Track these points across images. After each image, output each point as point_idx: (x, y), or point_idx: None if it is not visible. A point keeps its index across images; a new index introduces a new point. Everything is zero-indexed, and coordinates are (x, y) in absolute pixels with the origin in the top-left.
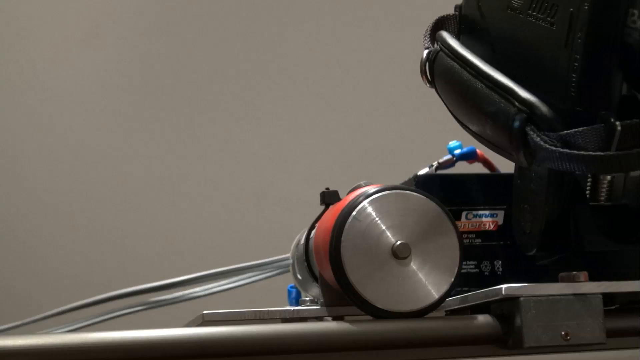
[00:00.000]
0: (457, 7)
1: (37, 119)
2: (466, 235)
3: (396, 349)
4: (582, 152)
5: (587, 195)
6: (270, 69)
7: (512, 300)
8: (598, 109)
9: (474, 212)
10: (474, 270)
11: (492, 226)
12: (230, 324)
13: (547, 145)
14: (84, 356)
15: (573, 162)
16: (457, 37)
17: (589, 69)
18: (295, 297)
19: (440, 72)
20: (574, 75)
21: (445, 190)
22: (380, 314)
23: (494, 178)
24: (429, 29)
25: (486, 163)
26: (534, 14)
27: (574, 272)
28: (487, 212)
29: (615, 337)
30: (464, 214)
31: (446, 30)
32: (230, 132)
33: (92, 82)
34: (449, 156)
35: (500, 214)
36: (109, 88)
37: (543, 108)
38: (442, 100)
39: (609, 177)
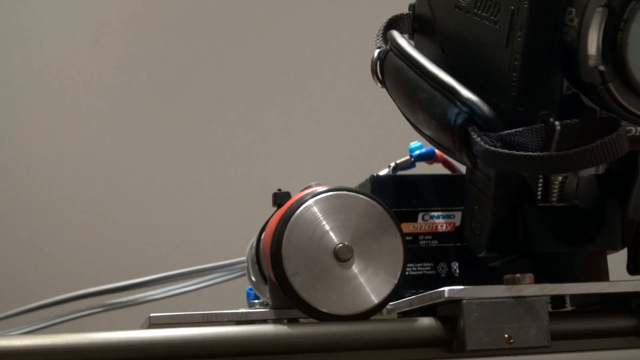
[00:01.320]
0: (411, 6)
1: (39, 117)
2: (422, 237)
3: (338, 351)
4: (521, 153)
5: (539, 196)
6: (278, 68)
7: (455, 303)
8: (539, 109)
9: (431, 214)
10: (430, 272)
11: (448, 227)
12: (177, 326)
13: (487, 146)
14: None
15: (512, 162)
16: (411, 37)
17: (529, 67)
18: (253, 299)
19: (390, 71)
20: (514, 74)
21: (401, 191)
22: (322, 317)
23: (451, 179)
24: (382, 28)
25: (446, 164)
26: (479, 12)
27: (519, 275)
28: (443, 214)
29: (561, 340)
30: (420, 215)
31: (400, 29)
32: (230, 134)
33: (96, 82)
34: (407, 157)
35: (457, 215)
36: (110, 88)
37: (484, 108)
38: (393, 100)
39: (560, 178)
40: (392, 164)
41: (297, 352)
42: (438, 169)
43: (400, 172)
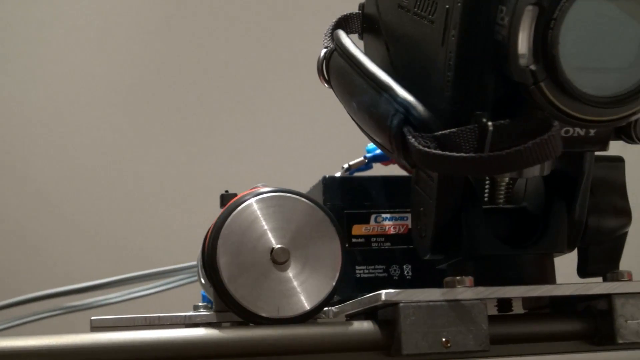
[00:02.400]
0: (360, 6)
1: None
2: (375, 239)
3: (273, 355)
4: (453, 154)
5: (486, 198)
6: (280, 69)
7: (393, 306)
8: (473, 109)
9: (383, 215)
10: (383, 275)
11: (401, 229)
12: (119, 330)
13: (420, 147)
14: None
15: (444, 163)
16: (360, 36)
17: (462, 67)
18: (208, 302)
19: (334, 71)
20: (449, 73)
21: (354, 193)
22: (256, 320)
23: (404, 181)
24: (331, 27)
25: (402, 165)
26: (418, 11)
27: (459, 277)
28: (396, 215)
29: (502, 344)
30: (372, 217)
31: (350, 29)
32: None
33: (99, 82)
34: (360, 158)
35: (410, 217)
36: (111, 88)
37: (419, 108)
38: (339, 100)
39: (506, 179)
40: (346, 165)
41: (229, 357)
42: (395, 170)
43: (357, 174)
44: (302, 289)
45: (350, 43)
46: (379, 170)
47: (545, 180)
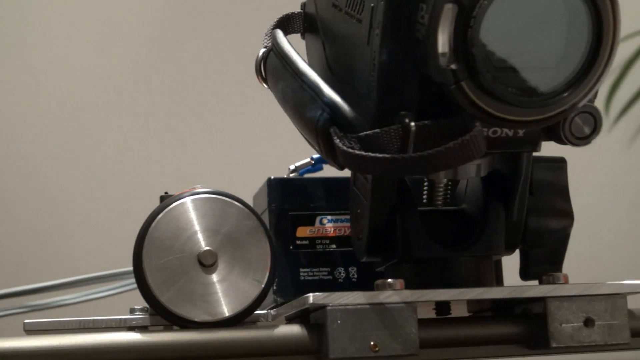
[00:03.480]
0: (302, 5)
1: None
2: (320, 241)
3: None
4: (376, 155)
5: (424, 200)
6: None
7: (322, 310)
8: (398, 109)
9: (329, 217)
10: (327, 277)
11: (347, 231)
12: (52, 333)
13: (344, 147)
14: None
15: (368, 164)
16: (303, 36)
17: (385, 66)
18: None
19: (270, 71)
20: (373, 73)
21: (299, 194)
22: (183, 324)
23: (349, 182)
24: (271, 26)
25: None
26: (349, 10)
27: (390, 280)
28: (342, 217)
29: (432, 348)
30: (318, 218)
31: (292, 28)
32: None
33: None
34: (307, 159)
35: None
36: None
37: (345, 108)
38: (277, 100)
39: (445, 181)
40: (292, 167)
41: None
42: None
43: (308, 175)
44: (230, 292)
45: (285, 42)
46: (332, 171)
47: (483, 181)
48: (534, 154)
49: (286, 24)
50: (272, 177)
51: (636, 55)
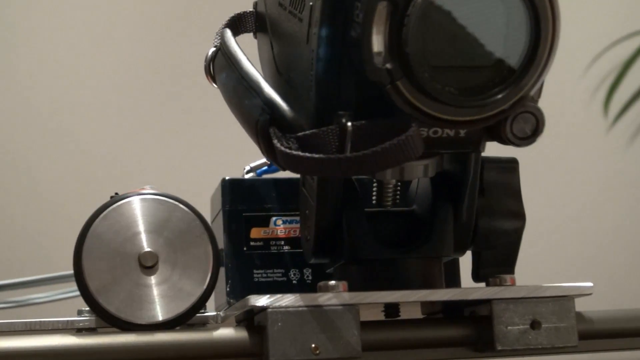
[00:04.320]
0: (254, 4)
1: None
2: (274, 242)
3: None
4: (312, 155)
5: (374, 201)
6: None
7: (264, 312)
8: (336, 109)
9: (284, 218)
10: (282, 279)
11: None
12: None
13: (282, 148)
14: None
15: (304, 165)
16: (255, 35)
17: (323, 65)
18: None
19: (217, 71)
20: (312, 72)
21: (253, 195)
22: (123, 326)
23: None
24: (222, 26)
25: None
26: (291, 9)
27: (333, 282)
28: (296, 218)
29: (377, 351)
30: (272, 219)
31: (244, 27)
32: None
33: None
34: (263, 160)
35: None
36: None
37: (284, 108)
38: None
39: (393, 182)
40: (247, 167)
41: None
42: None
43: (267, 175)
44: (170, 294)
45: (232, 41)
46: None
47: (432, 182)
48: (487, 154)
49: (238, 23)
50: (226, 178)
51: (635, 56)
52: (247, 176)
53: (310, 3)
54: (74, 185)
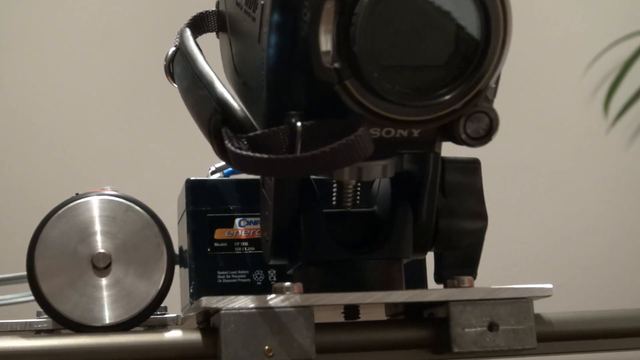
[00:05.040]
0: (217, 3)
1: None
2: (238, 243)
3: None
4: (262, 155)
5: (334, 201)
6: None
7: (217, 314)
8: (287, 108)
9: (248, 219)
10: (245, 280)
11: None
12: None
13: (233, 148)
14: None
15: (254, 165)
16: (217, 35)
17: (274, 65)
18: None
19: (176, 70)
20: (262, 72)
21: (217, 196)
22: (76, 328)
23: None
24: (184, 25)
25: None
26: (246, 8)
27: (287, 284)
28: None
29: (331, 353)
30: (237, 220)
31: (207, 27)
32: None
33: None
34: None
35: None
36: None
37: (235, 108)
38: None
39: (353, 182)
40: (212, 168)
41: None
42: None
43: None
44: (125, 295)
45: (190, 41)
46: None
47: (392, 182)
48: (449, 154)
49: (200, 22)
50: (190, 179)
51: (635, 56)
52: (214, 176)
53: (262, 2)
54: (39, 183)
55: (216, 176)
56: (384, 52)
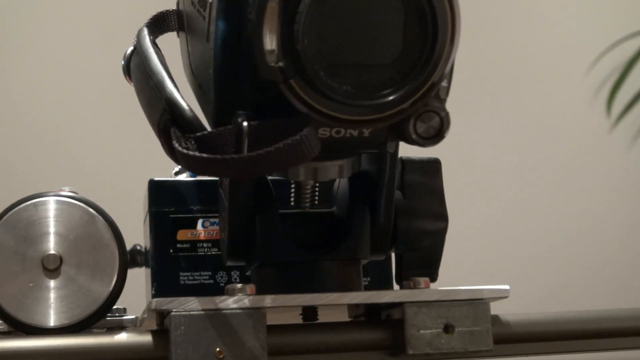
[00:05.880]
0: (177, 2)
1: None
2: (201, 244)
3: None
4: (208, 156)
5: (292, 202)
6: None
7: (168, 316)
8: (235, 108)
9: (211, 220)
10: (208, 282)
11: None
12: None
13: (180, 148)
14: None
15: (200, 165)
16: (178, 34)
17: (221, 64)
18: None
19: (132, 70)
20: (210, 71)
21: (180, 196)
22: (26, 330)
23: None
24: (144, 24)
25: None
26: (198, 7)
27: (239, 285)
28: None
29: (283, 355)
30: (199, 221)
31: (167, 26)
32: None
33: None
34: None
35: None
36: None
37: (183, 107)
38: None
39: (311, 182)
40: (176, 169)
41: None
42: None
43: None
44: (76, 297)
45: (145, 40)
46: None
47: (350, 183)
48: (409, 155)
49: (161, 22)
50: (153, 179)
51: (637, 55)
52: (181, 177)
53: (210, 0)
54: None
55: (183, 177)
56: (330, 50)
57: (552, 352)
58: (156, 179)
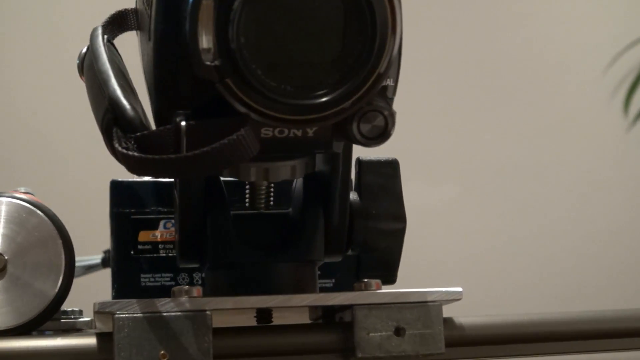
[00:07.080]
0: (136, 1)
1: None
2: (163, 246)
3: None
4: (145, 156)
5: (247, 203)
6: None
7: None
8: (176, 108)
9: (173, 222)
10: (170, 283)
11: None
12: None
13: (120, 148)
14: None
15: (139, 165)
16: (137, 34)
17: (160, 63)
18: None
19: (85, 69)
20: (150, 70)
21: (142, 197)
22: None
23: None
24: (101, 23)
25: None
26: (146, 5)
27: (186, 287)
28: None
29: (230, 359)
30: (162, 222)
31: (127, 25)
32: None
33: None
34: None
35: None
36: None
37: (125, 107)
38: None
39: (265, 183)
40: None
41: None
42: None
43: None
44: (20, 299)
45: (98, 39)
46: None
47: (304, 184)
48: (366, 155)
49: (120, 20)
50: (114, 180)
51: None
52: (145, 178)
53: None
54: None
55: (147, 178)
56: (267, 49)
57: (506, 355)
58: (118, 179)
